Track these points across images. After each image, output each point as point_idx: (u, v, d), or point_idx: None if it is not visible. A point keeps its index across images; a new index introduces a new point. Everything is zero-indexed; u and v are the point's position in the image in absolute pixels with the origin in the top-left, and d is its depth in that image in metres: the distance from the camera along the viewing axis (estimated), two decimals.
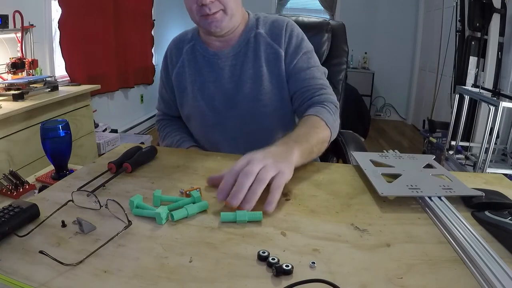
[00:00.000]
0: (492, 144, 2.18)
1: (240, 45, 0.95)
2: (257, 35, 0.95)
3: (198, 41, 0.99)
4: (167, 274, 0.43)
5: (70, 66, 2.68)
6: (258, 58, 0.94)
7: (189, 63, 1.00)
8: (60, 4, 2.54)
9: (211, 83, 0.97)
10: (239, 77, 0.95)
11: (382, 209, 0.62)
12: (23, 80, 1.92)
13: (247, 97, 0.95)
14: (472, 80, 2.92)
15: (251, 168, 0.59)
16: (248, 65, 0.94)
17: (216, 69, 0.96)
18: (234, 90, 0.95)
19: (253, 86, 0.94)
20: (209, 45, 0.97)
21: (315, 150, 0.77)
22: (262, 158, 0.62)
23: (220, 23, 0.87)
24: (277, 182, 0.60)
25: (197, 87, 0.98)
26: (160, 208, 0.55)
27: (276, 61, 0.94)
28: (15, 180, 0.74)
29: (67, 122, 0.80)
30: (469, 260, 0.47)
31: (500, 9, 2.70)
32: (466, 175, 0.82)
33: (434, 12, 4.03)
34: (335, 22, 1.28)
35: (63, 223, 0.53)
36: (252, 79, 0.94)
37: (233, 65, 0.95)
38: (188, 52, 1.00)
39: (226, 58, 0.96)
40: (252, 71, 0.94)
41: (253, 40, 0.95)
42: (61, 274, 0.43)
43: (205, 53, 0.98)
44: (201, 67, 0.98)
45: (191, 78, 0.99)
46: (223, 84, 0.96)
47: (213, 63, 0.97)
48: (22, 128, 1.69)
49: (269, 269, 0.45)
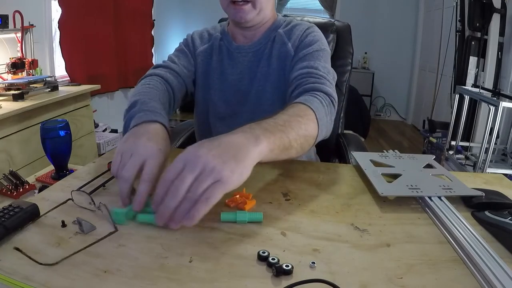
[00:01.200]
0: (492, 144, 2.18)
1: (261, 43, 0.97)
2: (278, 34, 0.97)
3: (225, 34, 1.01)
4: (167, 274, 0.43)
5: (70, 66, 2.68)
6: (271, 56, 0.95)
7: (217, 50, 1.01)
8: (60, 4, 2.54)
9: (229, 75, 0.99)
10: (254, 73, 0.97)
11: (382, 209, 0.62)
12: (23, 80, 1.93)
13: (258, 93, 0.96)
14: (472, 80, 2.92)
15: (181, 180, 0.49)
16: (263, 62, 0.96)
17: (236, 63, 0.98)
18: (248, 85, 0.97)
19: (265, 84, 0.96)
20: (235, 38, 1.00)
21: (294, 145, 0.62)
22: (201, 159, 0.49)
23: (246, 15, 0.88)
24: (209, 193, 0.49)
25: (216, 76, 0.99)
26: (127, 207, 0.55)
27: (285, 59, 0.94)
28: (15, 180, 0.74)
29: (67, 122, 0.80)
30: (469, 260, 0.47)
31: (500, 9, 2.70)
32: (466, 175, 0.82)
33: (434, 12, 4.03)
34: (340, 22, 1.28)
35: (63, 223, 0.53)
36: (265, 76, 0.96)
37: (251, 61, 0.97)
38: (217, 40, 1.01)
39: (246, 53, 0.98)
40: (266, 69, 0.96)
41: (276, 39, 0.97)
42: (61, 274, 0.43)
43: (229, 46, 0.99)
44: (224, 58, 0.99)
45: (214, 65, 1.00)
46: (239, 78, 0.98)
47: (234, 56, 0.99)
48: (22, 128, 1.69)
49: (269, 269, 0.45)
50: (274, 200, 0.63)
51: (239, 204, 0.60)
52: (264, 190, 0.67)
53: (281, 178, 0.73)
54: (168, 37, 4.34)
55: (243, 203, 0.60)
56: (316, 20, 1.25)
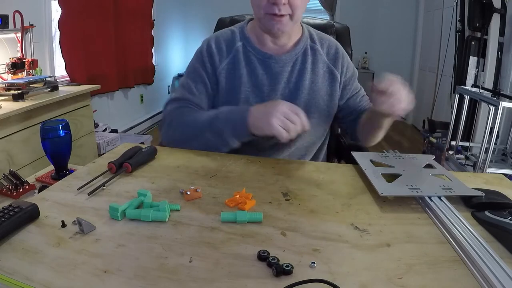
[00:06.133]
0: (492, 144, 2.18)
1: (297, 54, 0.96)
2: (315, 49, 0.98)
3: (248, 41, 0.96)
4: (167, 274, 0.43)
5: (70, 66, 2.67)
6: (316, 73, 0.97)
7: (244, 61, 0.95)
8: (60, 4, 2.54)
9: (266, 86, 0.95)
10: (295, 85, 0.96)
11: (382, 209, 0.62)
12: (23, 80, 1.92)
13: (300, 106, 0.92)
14: (472, 80, 2.92)
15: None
16: (306, 76, 0.96)
17: (273, 72, 0.95)
18: (289, 96, 0.95)
19: (307, 98, 0.96)
20: (263, 46, 0.96)
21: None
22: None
23: (284, 26, 0.88)
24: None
25: (250, 88, 0.95)
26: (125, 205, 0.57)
27: (331, 80, 0.99)
28: (15, 180, 0.74)
29: (67, 122, 0.80)
30: (469, 260, 0.47)
31: (500, 9, 2.70)
32: (466, 175, 0.82)
33: (434, 12, 4.03)
34: (339, 24, 1.28)
35: (63, 223, 0.53)
36: (308, 90, 0.96)
37: (291, 71, 0.96)
38: (240, 50, 0.96)
39: (283, 64, 0.95)
40: (308, 82, 0.96)
41: (310, 53, 0.97)
42: (61, 274, 0.43)
43: (259, 55, 0.95)
44: (256, 68, 0.95)
45: (245, 77, 0.95)
46: (279, 88, 0.95)
47: (269, 65, 0.95)
48: (22, 128, 1.69)
49: (269, 269, 0.45)
50: (274, 200, 0.63)
51: (239, 204, 0.60)
52: (264, 190, 0.67)
53: (281, 178, 0.73)
54: (168, 37, 4.34)
55: (243, 203, 0.60)
56: (316, 22, 1.25)
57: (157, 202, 0.58)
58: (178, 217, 0.57)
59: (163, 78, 4.35)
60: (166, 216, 0.56)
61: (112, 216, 0.56)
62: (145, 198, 0.59)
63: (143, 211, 0.55)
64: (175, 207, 0.59)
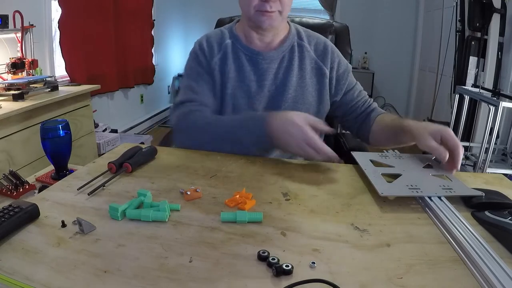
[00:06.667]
0: (492, 144, 2.18)
1: (284, 50, 0.98)
2: (302, 46, 0.99)
3: (236, 39, 0.99)
4: (167, 274, 0.43)
5: (70, 66, 2.67)
6: (303, 69, 0.98)
7: (232, 57, 0.97)
8: (60, 4, 2.54)
9: (253, 82, 0.96)
10: (281, 81, 0.97)
11: (382, 209, 0.62)
12: (23, 80, 1.92)
13: (287, 102, 0.96)
14: (472, 80, 2.92)
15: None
16: (293, 72, 0.97)
17: (259, 69, 0.97)
18: (276, 93, 0.97)
19: (295, 94, 0.97)
20: (251, 43, 0.98)
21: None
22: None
23: (273, 22, 0.91)
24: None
25: (237, 84, 0.97)
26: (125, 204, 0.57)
27: (319, 76, 1.00)
28: (15, 180, 0.74)
29: (67, 122, 0.80)
30: (469, 260, 0.47)
31: (500, 9, 2.70)
32: (466, 175, 0.82)
33: (434, 12, 4.02)
34: (338, 24, 1.29)
35: (63, 223, 0.53)
36: (295, 87, 0.97)
37: (278, 68, 0.97)
38: (229, 46, 0.98)
39: (270, 60, 0.97)
40: (295, 79, 0.97)
41: (298, 50, 0.98)
42: (61, 274, 0.43)
43: (247, 51, 0.97)
44: (243, 64, 0.97)
45: (233, 73, 0.97)
46: (266, 85, 0.97)
47: (256, 62, 0.97)
48: (22, 128, 1.69)
49: (269, 269, 0.45)
50: (274, 200, 0.63)
51: (239, 204, 0.60)
52: (264, 190, 0.67)
53: (281, 178, 0.73)
54: (168, 37, 4.34)
55: (243, 203, 0.60)
56: (315, 21, 1.25)
57: (157, 202, 0.58)
58: (178, 217, 0.57)
59: (163, 78, 4.36)
60: (166, 216, 0.56)
61: (112, 216, 0.56)
62: (145, 198, 0.59)
63: (143, 211, 0.55)
64: (175, 207, 0.59)
